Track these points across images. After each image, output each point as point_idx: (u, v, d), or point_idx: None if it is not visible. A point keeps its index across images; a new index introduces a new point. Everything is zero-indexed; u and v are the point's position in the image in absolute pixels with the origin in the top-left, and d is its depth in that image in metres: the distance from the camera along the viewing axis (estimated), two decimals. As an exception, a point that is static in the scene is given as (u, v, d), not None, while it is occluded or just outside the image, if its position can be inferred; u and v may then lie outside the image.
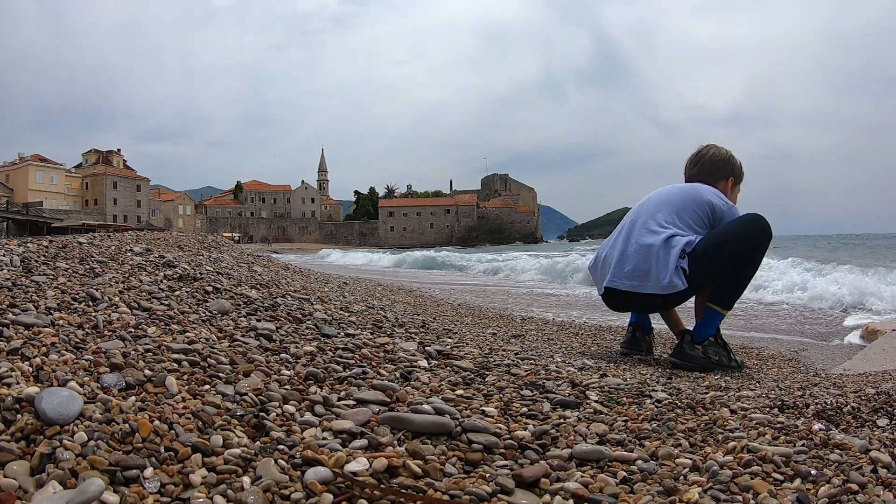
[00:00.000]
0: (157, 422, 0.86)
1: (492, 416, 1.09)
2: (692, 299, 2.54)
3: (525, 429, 1.05)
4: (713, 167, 2.64)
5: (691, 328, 2.47)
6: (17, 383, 0.90)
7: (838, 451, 0.99)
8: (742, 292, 2.46)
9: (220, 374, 1.12)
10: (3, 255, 1.94)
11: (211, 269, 2.66)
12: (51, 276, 1.78)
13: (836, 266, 8.18)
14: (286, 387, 1.12)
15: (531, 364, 1.61)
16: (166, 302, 1.70)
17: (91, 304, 1.53)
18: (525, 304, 5.99)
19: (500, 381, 1.36)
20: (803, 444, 1.02)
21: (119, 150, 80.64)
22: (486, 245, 77.30)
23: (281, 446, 0.86)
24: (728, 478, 0.88)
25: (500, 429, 1.03)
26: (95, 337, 1.24)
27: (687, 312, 2.66)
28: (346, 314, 2.21)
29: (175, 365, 1.13)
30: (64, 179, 68.48)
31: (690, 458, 0.96)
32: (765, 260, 2.61)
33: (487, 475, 0.86)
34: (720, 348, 2.40)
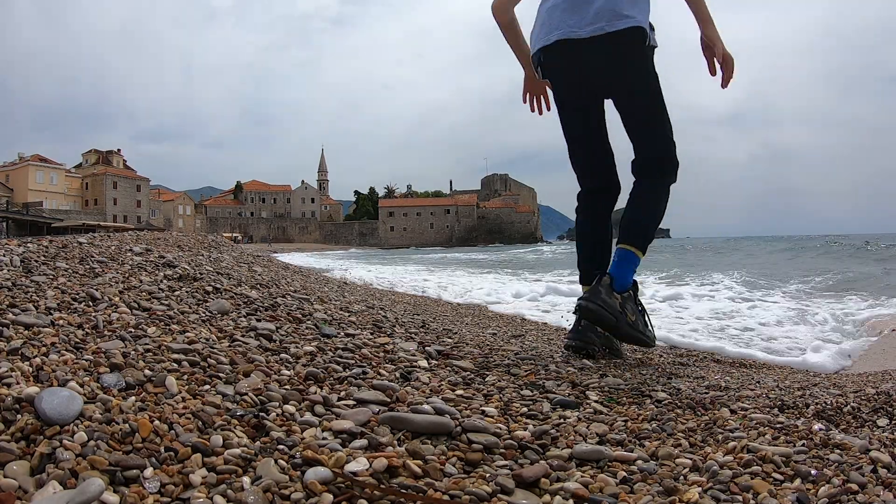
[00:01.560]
0: (157, 422, 0.86)
1: (492, 416, 1.09)
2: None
3: (525, 429, 1.05)
4: None
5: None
6: (17, 383, 0.90)
7: (838, 451, 0.99)
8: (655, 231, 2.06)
9: (220, 374, 1.12)
10: (3, 255, 1.94)
11: (211, 269, 2.66)
12: (51, 276, 1.78)
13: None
14: (286, 387, 1.12)
15: (531, 364, 1.61)
16: (166, 302, 1.70)
17: (91, 304, 1.53)
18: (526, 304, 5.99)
19: (500, 381, 1.36)
20: (803, 444, 1.02)
21: (119, 150, 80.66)
22: (484, 245, 77.36)
23: (281, 446, 0.86)
24: (728, 478, 0.88)
25: (500, 429, 1.03)
26: (95, 337, 1.24)
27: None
28: (346, 314, 2.21)
29: (175, 365, 1.13)
30: (64, 179, 68.49)
31: (690, 458, 0.96)
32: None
33: (487, 475, 0.86)
34: (638, 309, 1.98)
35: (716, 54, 1.95)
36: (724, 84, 1.95)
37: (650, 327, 2.03)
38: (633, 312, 1.92)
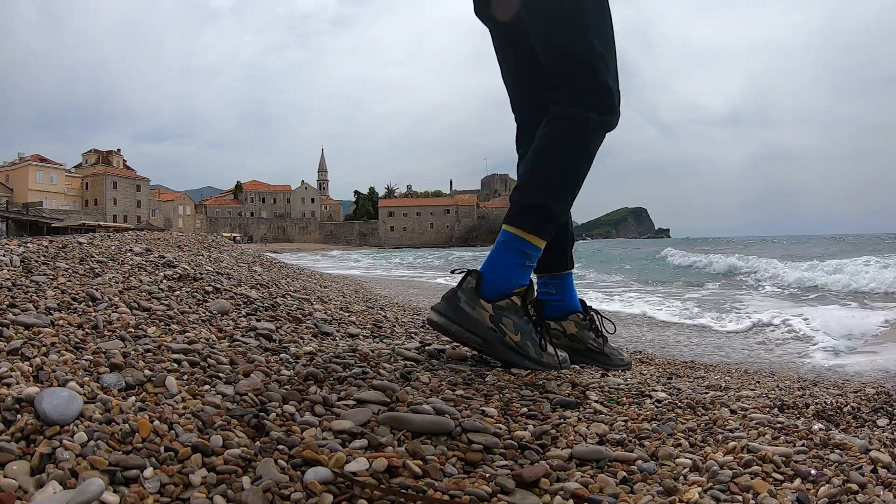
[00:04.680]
0: (157, 422, 0.86)
1: (492, 416, 1.09)
2: None
3: (525, 429, 1.05)
4: None
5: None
6: (17, 383, 0.90)
7: (838, 451, 0.99)
8: (570, 202, 1.44)
9: (220, 374, 1.12)
10: (3, 255, 1.94)
11: (211, 269, 2.66)
12: (51, 276, 1.78)
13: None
14: (286, 387, 1.12)
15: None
16: (166, 302, 1.70)
17: (91, 304, 1.53)
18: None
19: (500, 381, 1.36)
20: (803, 444, 1.02)
21: (119, 150, 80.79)
22: (486, 245, 77.54)
23: (281, 446, 0.86)
24: (728, 478, 0.88)
25: (500, 429, 1.03)
26: (95, 337, 1.24)
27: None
28: (346, 314, 2.22)
29: (175, 365, 1.13)
30: (64, 179, 68.55)
31: (690, 458, 0.96)
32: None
33: (487, 475, 0.86)
34: (526, 323, 1.38)
35: None
36: None
37: (550, 349, 1.43)
38: (515, 330, 1.35)
